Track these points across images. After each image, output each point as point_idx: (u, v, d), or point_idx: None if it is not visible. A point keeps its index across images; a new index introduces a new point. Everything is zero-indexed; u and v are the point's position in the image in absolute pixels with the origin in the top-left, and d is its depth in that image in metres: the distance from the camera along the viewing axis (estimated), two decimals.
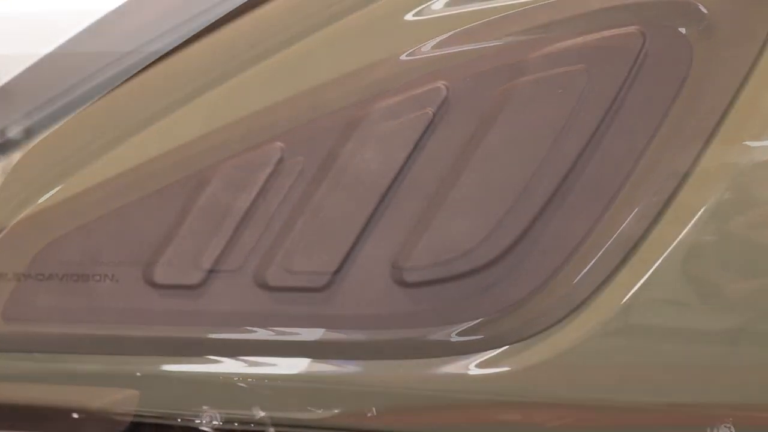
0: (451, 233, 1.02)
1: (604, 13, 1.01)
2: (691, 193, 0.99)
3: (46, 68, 1.17)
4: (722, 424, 1.06)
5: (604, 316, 1.00)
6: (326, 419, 1.06)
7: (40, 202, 1.09)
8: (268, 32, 1.07)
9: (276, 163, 1.04)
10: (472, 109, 1.02)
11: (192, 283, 1.05)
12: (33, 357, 1.08)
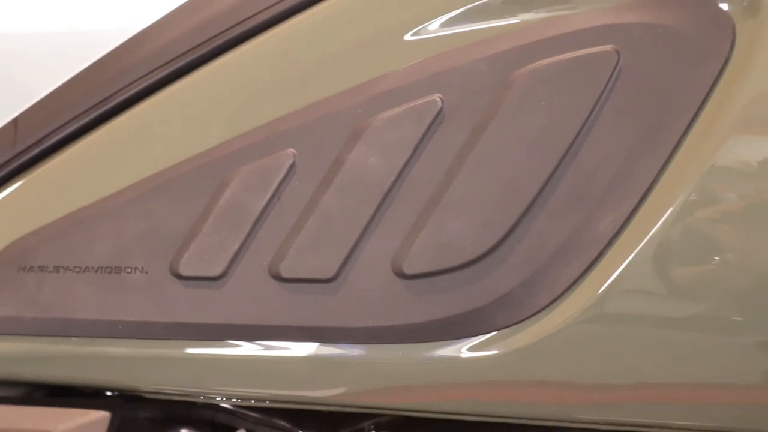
0: (446, 231, 1.01)
1: (581, 33, 1.01)
2: (660, 195, 0.99)
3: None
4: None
5: (582, 304, 1.00)
6: (333, 397, 1.06)
7: (77, 202, 1.09)
8: (283, 53, 1.07)
9: (289, 167, 1.04)
10: (464, 119, 1.02)
11: (213, 274, 1.04)
12: (68, 342, 1.08)
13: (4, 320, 1.08)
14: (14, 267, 1.08)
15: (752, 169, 0.98)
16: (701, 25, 0.99)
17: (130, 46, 1.16)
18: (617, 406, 1.04)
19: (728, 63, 0.99)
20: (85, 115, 1.11)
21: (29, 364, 1.10)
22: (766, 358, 1.00)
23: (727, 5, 0.99)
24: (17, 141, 1.13)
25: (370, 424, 1.14)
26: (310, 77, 1.06)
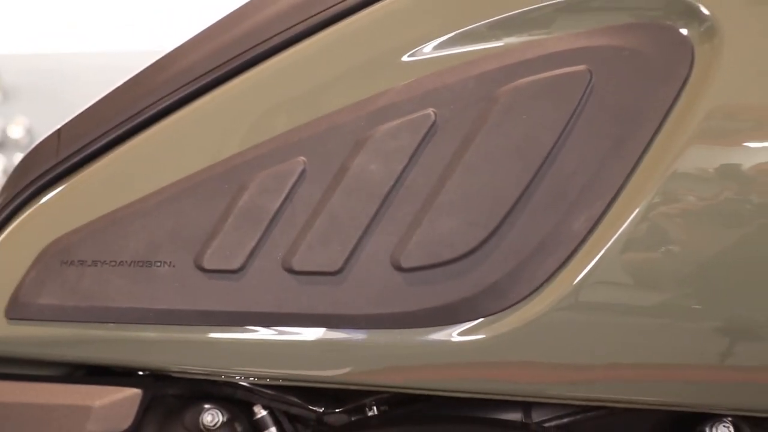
0: (438, 229, 1.02)
1: (557, 55, 1.01)
2: (628, 198, 0.99)
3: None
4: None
5: (559, 294, 1.01)
6: (339, 376, 1.07)
7: (113, 203, 1.09)
8: (294, 73, 1.08)
9: (300, 173, 1.04)
10: (455, 131, 1.02)
11: (233, 268, 1.05)
12: (105, 328, 1.08)
13: (48, 308, 1.08)
14: (57, 261, 1.09)
15: (708, 175, 0.98)
16: (664, 48, 1.00)
17: (160, 65, 1.16)
18: (590, 384, 1.05)
19: (687, 82, 0.99)
20: (120, 127, 1.11)
21: (70, 347, 1.10)
22: (719, 341, 1.00)
23: (687, 30, 0.99)
24: (60, 149, 1.13)
25: (371, 401, 1.14)
26: (318, 94, 1.07)
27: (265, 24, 1.10)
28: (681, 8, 1.00)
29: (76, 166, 1.12)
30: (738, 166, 0.98)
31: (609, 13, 1.02)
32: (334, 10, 1.07)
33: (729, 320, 1.00)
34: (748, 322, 1.00)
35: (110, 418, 1.09)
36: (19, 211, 1.13)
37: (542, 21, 1.03)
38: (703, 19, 0.99)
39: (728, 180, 0.98)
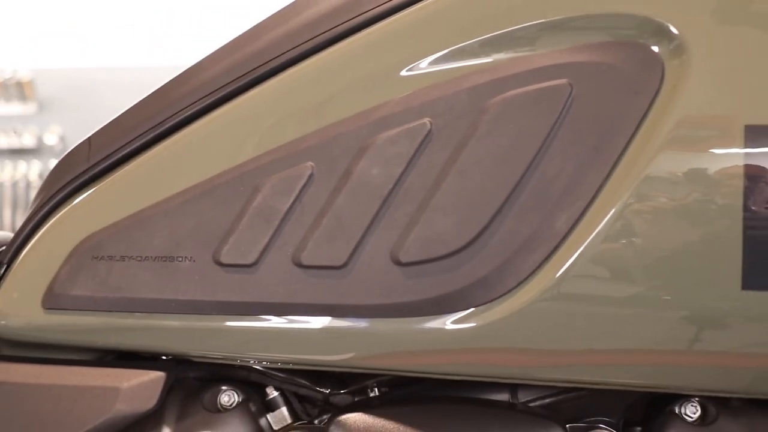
0: (434, 227, 1.02)
1: (541, 70, 1.02)
2: (605, 199, 0.99)
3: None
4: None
5: (543, 286, 1.01)
6: (343, 361, 1.07)
7: (139, 204, 1.09)
8: (303, 86, 1.08)
9: (308, 176, 1.05)
10: (448, 138, 1.02)
11: (248, 262, 1.05)
12: (132, 317, 1.09)
13: (81, 299, 1.09)
14: (89, 256, 1.09)
15: (677, 179, 0.98)
16: (637, 63, 1.00)
17: (182, 79, 1.16)
18: (570, 367, 1.05)
19: (658, 94, 0.99)
20: (145, 135, 1.11)
21: (101, 334, 1.10)
22: (686, 329, 1.00)
23: (657, 48, 0.99)
24: (91, 156, 1.13)
25: (373, 383, 1.14)
26: (324, 105, 1.07)
27: (276, 42, 1.10)
28: (652, 28, 1.00)
29: (105, 171, 1.12)
30: (704, 170, 0.98)
31: (588, 32, 1.02)
32: (339, 30, 1.07)
33: (694, 309, 1.00)
34: (711, 312, 1.00)
35: (137, 398, 1.09)
36: (53, 211, 1.13)
37: (528, 39, 1.03)
38: (673, 37, 0.99)
39: (695, 183, 0.98)
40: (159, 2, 4.79)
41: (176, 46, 4.31)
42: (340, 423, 1.07)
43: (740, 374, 1.03)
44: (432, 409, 1.09)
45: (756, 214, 0.97)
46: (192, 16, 4.68)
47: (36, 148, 4.80)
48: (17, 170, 4.81)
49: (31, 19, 4.87)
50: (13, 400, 1.11)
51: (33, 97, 4.80)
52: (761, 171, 0.97)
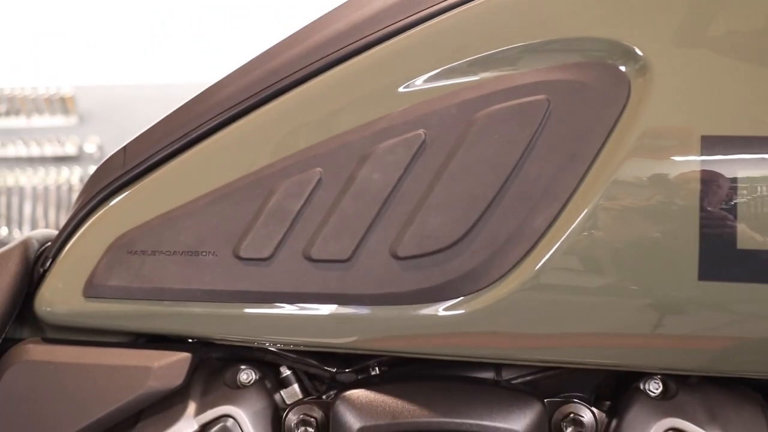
0: (428, 225, 1.02)
1: (522, 87, 1.02)
2: (578, 200, 1.00)
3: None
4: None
5: (524, 277, 1.01)
6: (348, 343, 1.07)
7: (168, 205, 1.10)
8: (313, 101, 1.08)
9: (317, 181, 1.05)
10: (441, 147, 1.03)
11: (264, 256, 1.05)
12: (161, 304, 1.09)
13: (117, 288, 1.09)
14: (124, 251, 1.09)
15: (642, 182, 0.98)
16: (606, 81, 1.00)
17: (206, 95, 1.16)
18: (548, 349, 1.05)
19: (625, 108, 0.99)
20: (174, 144, 1.11)
21: (134, 319, 1.10)
22: (649, 315, 1.00)
23: (624, 68, 1.00)
24: (126, 162, 1.13)
25: (374, 362, 1.14)
26: (332, 118, 1.07)
27: (289, 62, 1.10)
28: (620, 50, 1.00)
29: (138, 176, 1.12)
30: (665, 175, 0.98)
31: (563, 54, 1.02)
32: (345, 51, 1.07)
33: (657, 298, 1.00)
34: (671, 300, 1.00)
35: (166, 376, 1.09)
36: (93, 212, 1.13)
37: (510, 60, 1.03)
38: (638, 59, 0.99)
39: (657, 186, 0.98)
40: (186, 26, 4.79)
41: (201, 66, 4.31)
42: (345, 398, 1.07)
43: (697, 355, 1.03)
44: (426, 386, 1.09)
45: (711, 214, 0.97)
46: (216, 38, 4.68)
47: (77, 156, 4.79)
48: (60, 175, 4.81)
49: (73, 42, 4.87)
50: (58, 378, 1.11)
51: (74, 111, 4.80)
52: (715, 176, 0.97)
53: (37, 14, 4.92)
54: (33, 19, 4.92)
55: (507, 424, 1.04)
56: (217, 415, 1.11)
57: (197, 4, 4.81)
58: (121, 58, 4.82)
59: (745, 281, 0.98)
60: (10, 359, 1.12)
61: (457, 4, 1.05)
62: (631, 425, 1.07)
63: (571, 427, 1.07)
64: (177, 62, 4.70)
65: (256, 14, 4.63)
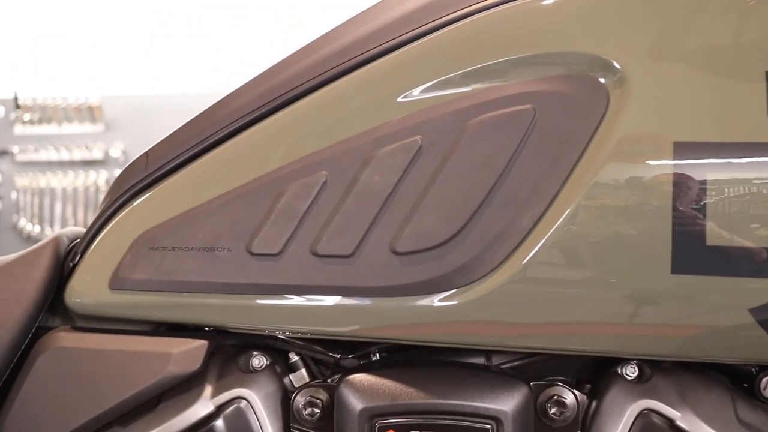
0: (424, 224, 1.03)
1: (511, 97, 1.02)
2: (562, 201, 1.00)
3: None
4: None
5: (512, 271, 1.01)
6: (351, 331, 1.07)
7: (187, 205, 1.10)
8: (320, 109, 1.08)
9: (323, 183, 1.05)
10: (436, 152, 1.03)
11: (274, 252, 1.06)
12: (180, 296, 1.09)
13: (140, 281, 1.09)
14: (146, 247, 1.09)
15: (620, 184, 0.98)
16: (587, 92, 1.00)
17: (222, 104, 1.16)
18: (534, 336, 1.05)
19: (604, 117, 0.99)
20: (192, 149, 1.12)
21: (156, 310, 1.10)
22: (626, 305, 1.00)
23: (604, 79, 1.00)
24: (148, 166, 1.14)
25: (375, 349, 1.14)
26: (336, 125, 1.07)
27: (297, 74, 1.10)
28: (600, 63, 1.00)
29: (159, 178, 1.13)
30: (641, 178, 0.98)
31: (548, 67, 1.02)
32: (348, 64, 1.07)
33: (633, 289, 1.00)
34: (646, 291, 1.00)
35: (185, 361, 1.09)
36: (118, 211, 1.14)
37: (500, 72, 1.03)
38: (616, 71, 1.00)
39: (634, 188, 0.98)
40: (203, 42, 4.79)
41: (217, 78, 4.31)
42: (348, 381, 1.07)
43: (670, 342, 1.03)
44: (422, 370, 1.09)
45: (683, 213, 0.97)
46: (231, 53, 4.68)
47: (103, 160, 4.79)
48: (88, 178, 4.81)
49: (100, 56, 4.87)
50: (86, 363, 1.11)
51: (101, 119, 4.80)
52: (687, 178, 0.97)
53: (67, 31, 4.92)
54: (64, 35, 4.93)
55: (496, 405, 1.04)
56: (232, 397, 1.11)
57: (214, 24, 4.81)
58: (144, 71, 4.82)
59: (714, 274, 0.98)
60: (42, 346, 1.12)
61: (451, 21, 1.05)
62: (610, 406, 1.07)
63: (555, 408, 1.07)
64: (195, 74, 4.70)
65: (271, 32, 4.63)
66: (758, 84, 0.98)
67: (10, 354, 1.11)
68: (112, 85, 4.82)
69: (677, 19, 1.01)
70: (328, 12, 4.25)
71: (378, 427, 1.05)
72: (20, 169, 4.85)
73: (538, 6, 1.03)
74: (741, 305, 0.99)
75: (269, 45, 4.32)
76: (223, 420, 1.10)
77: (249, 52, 4.54)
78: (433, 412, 1.05)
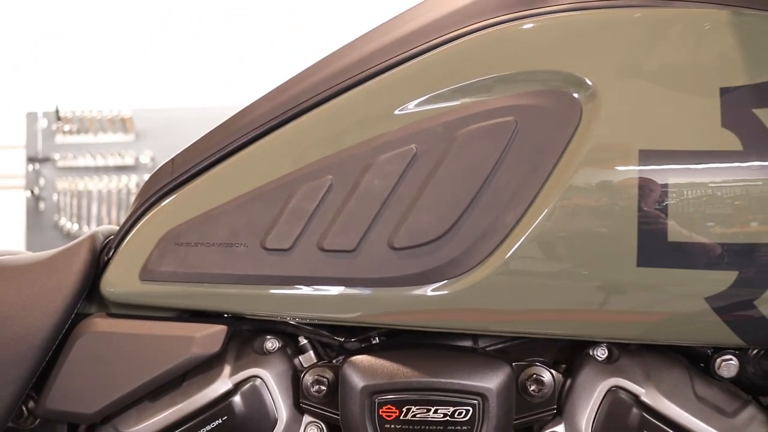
0: (418, 222, 1.03)
1: (495, 110, 1.02)
2: (540, 202, 1.00)
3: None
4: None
5: (497, 264, 1.01)
6: (353, 318, 1.07)
7: (208, 205, 1.09)
8: (326, 121, 1.08)
9: (328, 186, 1.05)
10: (429, 159, 1.03)
11: (285, 247, 1.05)
12: (202, 286, 1.09)
13: (167, 273, 1.09)
14: (172, 243, 1.09)
15: (592, 187, 0.99)
16: (563, 106, 1.00)
17: (240, 115, 1.15)
18: (516, 322, 1.05)
19: (578, 128, 0.99)
20: (213, 156, 1.11)
21: (181, 298, 1.10)
22: (597, 294, 1.01)
23: (577, 95, 1.00)
24: (174, 171, 1.14)
25: (375, 333, 1.14)
26: (341, 135, 1.07)
27: (306, 90, 1.10)
28: (574, 80, 1.00)
29: (184, 182, 1.12)
30: (610, 181, 0.98)
31: (528, 83, 1.02)
32: (351, 81, 1.07)
33: (603, 281, 1.00)
34: (615, 282, 1.00)
35: (206, 344, 1.09)
36: (147, 211, 1.13)
37: (485, 88, 1.03)
38: (588, 87, 1.00)
39: (604, 190, 0.98)
40: (224, 59, 4.79)
41: (234, 93, 4.31)
42: (351, 362, 1.07)
43: (635, 326, 1.04)
44: (417, 352, 1.09)
45: (647, 213, 0.98)
46: (250, 69, 4.67)
47: (134, 166, 4.79)
48: (120, 182, 4.81)
49: (131, 74, 4.87)
50: (118, 345, 1.11)
51: (132, 129, 4.79)
52: (650, 182, 0.97)
53: (102, 52, 4.93)
54: (98, 55, 4.93)
55: (482, 383, 1.04)
56: (248, 375, 1.11)
57: (236, 42, 4.81)
58: (170, 87, 4.83)
59: (675, 267, 0.98)
60: (81, 330, 1.13)
61: (442, 43, 1.05)
62: (582, 384, 1.07)
63: (534, 386, 1.07)
64: (215, 89, 4.71)
65: (290, 49, 4.61)
66: (713, 99, 0.98)
67: (53, 337, 1.11)
68: (142, 99, 4.82)
69: (642, 41, 1.01)
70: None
71: (377, 403, 1.05)
72: (61, 174, 4.85)
73: (518, 30, 1.03)
74: (698, 294, 0.99)
75: (288, 62, 4.30)
76: (240, 396, 1.10)
77: (271, 69, 4.53)
78: (426, 389, 1.05)
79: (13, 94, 4.95)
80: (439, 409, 1.04)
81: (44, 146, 4.84)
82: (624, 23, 1.02)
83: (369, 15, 1.10)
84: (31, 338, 1.10)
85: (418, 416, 1.04)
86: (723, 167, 0.98)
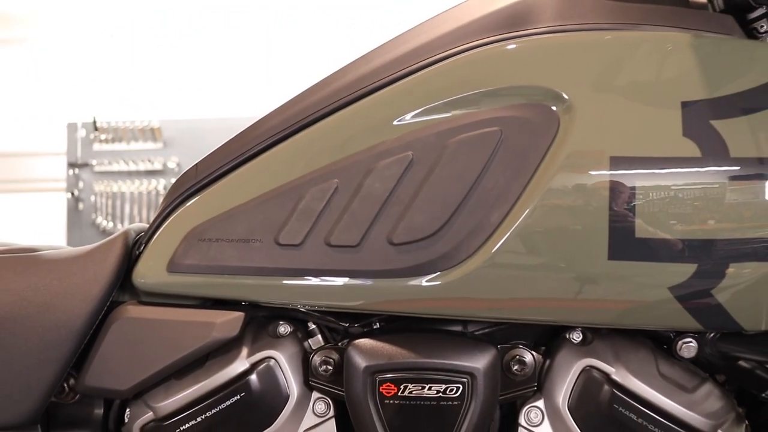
0: (414, 221, 1.03)
1: (483, 121, 1.01)
2: (523, 202, 1.00)
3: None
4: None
5: (484, 257, 1.01)
6: (356, 306, 1.07)
7: (228, 205, 1.09)
8: (332, 130, 1.08)
9: (335, 189, 1.05)
10: (424, 165, 1.02)
11: (296, 243, 1.05)
12: (223, 277, 1.08)
13: (191, 266, 1.09)
14: (196, 239, 1.09)
15: (568, 189, 0.99)
16: (542, 117, 1.00)
17: (255, 126, 1.15)
18: (502, 309, 1.05)
19: (556, 137, 0.99)
20: (232, 162, 1.11)
21: (203, 288, 1.10)
22: (573, 284, 1.00)
23: (555, 108, 1.00)
24: (197, 175, 1.13)
25: (375, 319, 1.13)
26: (346, 143, 1.06)
27: (315, 102, 1.10)
28: (552, 94, 1.00)
29: (207, 185, 1.12)
30: (584, 184, 0.99)
31: (512, 97, 1.02)
32: (354, 95, 1.07)
33: (578, 272, 1.00)
34: (589, 274, 1.00)
35: (226, 329, 1.09)
36: (173, 211, 1.13)
37: (473, 101, 1.03)
38: (564, 101, 1.00)
39: (579, 192, 0.99)
40: (244, 74, 4.79)
41: (252, 105, 4.30)
42: (354, 345, 1.07)
43: (607, 313, 1.04)
44: (413, 336, 1.09)
45: (617, 212, 0.98)
46: (267, 79, 4.67)
47: (162, 170, 4.80)
48: (150, 184, 4.82)
49: (160, 88, 4.88)
50: (148, 330, 1.11)
51: (160, 138, 4.80)
52: (620, 185, 0.98)
53: (134, 68, 4.94)
54: (131, 71, 4.94)
55: (471, 363, 1.04)
56: (263, 357, 1.10)
57: (256, 59, 4.81)
58: (195, 99, 4.84)
59: (641, 260, 0.98)
60: (115, 316, 1.13)
61: (435, 62, 1.05)
62: (560, 364, 1.07)
63: (517, 366, 1.07)
64: (235, 102, 4.71)
65: (307, 62, 4.59)
66: (675, 111, 0.98)
67: (90, 322, 1.11)
68: (170, 111, 4.83)
69: (613, 60, 1.01)
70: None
71: (378, 381, 1.05)
72: (97, 177, 4.86)
73: (503, 50, 1.03)
74: (662, 284, 0.99)
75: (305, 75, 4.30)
76: (256, 375, 1.10)
77: (289, 81, 4.52)
78: (421, 369, 1.05)
79: (56, 107, 4.96)
80: (432, 387, 1.04)
81: (83, 153, 4.84)
82: (596, 44, 1.02)
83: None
84: (72, 323, 1.11)
85: (414, 393, 1.04)
86: (684, 172, 0.98)
